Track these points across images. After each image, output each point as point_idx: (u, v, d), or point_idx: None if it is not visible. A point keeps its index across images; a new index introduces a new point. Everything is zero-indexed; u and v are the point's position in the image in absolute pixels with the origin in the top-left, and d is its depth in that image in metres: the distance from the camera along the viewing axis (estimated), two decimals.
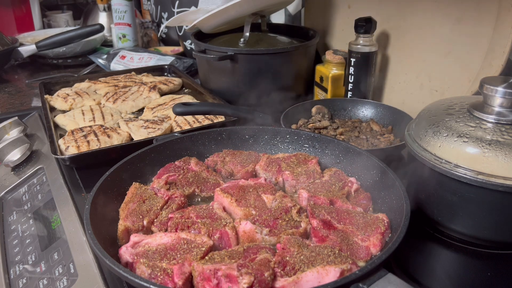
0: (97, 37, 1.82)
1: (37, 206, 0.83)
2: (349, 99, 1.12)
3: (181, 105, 0.91)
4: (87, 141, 0.95)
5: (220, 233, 0.61)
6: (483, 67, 0.90)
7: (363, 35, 1.06)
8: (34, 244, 0.73)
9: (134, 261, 0.56)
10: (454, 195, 0.66)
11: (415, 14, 1.07)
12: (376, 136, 0.98)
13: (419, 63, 1.07)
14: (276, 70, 1.16)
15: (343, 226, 0.63)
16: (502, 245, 0.70)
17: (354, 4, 1.28)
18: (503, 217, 0.64)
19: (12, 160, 0.97)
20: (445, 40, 0.99)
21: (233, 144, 0.89)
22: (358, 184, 0.74)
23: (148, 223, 0.65)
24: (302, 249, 0.56)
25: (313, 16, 1.47)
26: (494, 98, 0.66)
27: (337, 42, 1.39)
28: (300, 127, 1.03)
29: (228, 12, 1.16)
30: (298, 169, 0.78)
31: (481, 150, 0.62)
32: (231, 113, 0.98)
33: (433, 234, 0.74)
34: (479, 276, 0.67)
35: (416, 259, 0.69)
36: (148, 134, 0.99)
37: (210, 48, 1.17)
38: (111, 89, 1.31)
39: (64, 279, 0.63)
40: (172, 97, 1.26)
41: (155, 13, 1.93)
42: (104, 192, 0.68)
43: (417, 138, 0.71)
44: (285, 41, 1.28)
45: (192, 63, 1.64)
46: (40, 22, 2.21)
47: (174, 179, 0.76)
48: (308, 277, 0.52)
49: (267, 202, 0.69)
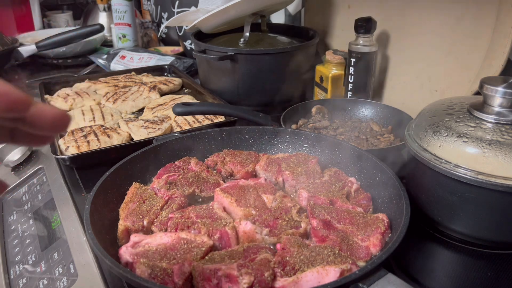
0: (97, 37, 1.82)
1: (37, 206, 0.83)
2: (349, 99, 1.12)
3: (181, 105, 0.91)
4: (87, 141, 0.95)
5: (220, 233, 0.61)
6: (483, 67, 0.90)
7: (363, 35, 1.06)
8: (34, 244, 0.73)
9: (134, 261, 0.55)
10: (454, 195, 0.66)
11: (415, 14, 1.07)
12: (376, 136, 0.98)
13: (419, 63, 1.07)
14: (276, 70, 1.16)
15: (343, 226, 0.63)
16: (502, 245, 0.70)
17: (354, 4, 1.28)
18: (503, 217, 0.64)
19: (12, 160, 0.97)
20: (445, 40, 0.99)
21: (233, 144, 0.89)
22: (358, 184, 0.74)
23: (148, 223, 0.65)
24: (302, 249, 0.56)
25: (313, 16, 1.47)
26: (494, 98, 0.66)
27: (337, 42, 1.39)
28: (300, 127, 1.03)
29: (228, 12, 1.16)
30: (298, 169, 0.78)
31: (481, 150, 0.62)
32: (231, 113, 0.98)
33: (433, 234, 0.74)
34: (479, 276, 0.67)
35: (416, 259, 0.69)
36: (148, 134, 0.99)
37: (210, 48, 1.17)
38: (111, 89, 1.31)
39: (64, 279, 0.63)
40: (172, 97, 1.26)
41: (155, 13, 1.93)
42: (104, 192, 0.68)
43: (417, 138, 0.71)
44: (285, 41, 1.28)
45: (192, 63, 1.64)
46: (40, 22, 2.21)
47: (174, 179, 0.76)
48: (308, 277, 0.52)
49: (267, 202, 0.69)
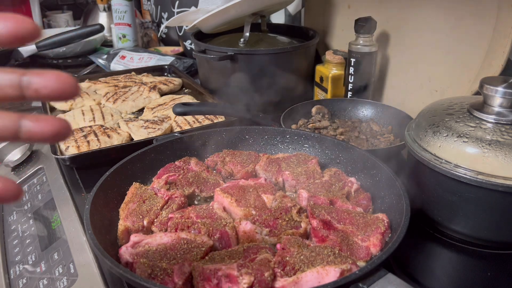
0: (97, 37, 1.82)
1: (37, 206, 0.83)
2: (349, 99, 1.12)
3: (181, 105, 0.91)
4: (87, 141, 0.95)
5: (220, 233, 0.61)
6: (483, 67, 0.90)
7: (363, 35, 1.06)
8: (34, 244, 0.73)
9: (134, 261, 0.55)
10: (454, 195, 0.66)
11: (415, 14, 1.07)
12: (376, 136, 0.98)
13: (419, 63, 1.07)
14: (276, 70, 1.16)
15: (343, 226, 0.63)
16: (502, 245, 0.70)
17: (354, 4, 1.28)
18: (503, 217, 0.64)
19: (12, 160, 0.97)
20: (445, 40, 0.99)
21: (233, 144, 0.89)
22: (358, 184, 0.74)
23: (148, 223, 0.65)
24: (302, 249, 0.56)
25: (313, 16, 1.47)
26: (494, 98, 0.66)
27: (337, 42, 1.39)
28: (300, 127, 1.03)
29: (228, 12, 1.16)
30: (298, 169, 0.78)
31: (481, 150, 0.62)
32: (231, 113, 0.98)
33: (433, 234, 0.74)
34: (479, 276, 0.67)
35: (416, 259, 0.69)
36: (148, 134, 0.99)
37: (210, 48, 1.17)
38: (111, 89, 1.31)
39: (64, 279, 0.63)
40: (172, 97, 1.26)
41: (155, 13, 1.93)
42: (104, 192, 0.68)
43: (417, 138, 0.71)
44: (285, 41, 1.28)
45: (192, 63, 1.64)
46: (40, 22, 2.21)
47: (174, 179, 0.76)
48: (308, 277, 0.52)
49: (267, 202, 0.69)
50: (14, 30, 0.30)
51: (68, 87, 0.31)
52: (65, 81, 0.31)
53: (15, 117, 0.32)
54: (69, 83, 0.31)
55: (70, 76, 0.32)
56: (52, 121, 0.32)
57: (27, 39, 0.31)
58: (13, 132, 0.31)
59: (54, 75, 0.31)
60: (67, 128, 0.32)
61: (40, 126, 0.31)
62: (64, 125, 0.32)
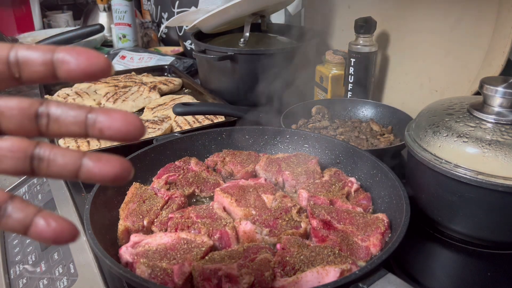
0: (97, 37, 1.82)
1: (37, 206, 0.83)
2: (349, 99, 1.12)
3: (181, 105, 0.91)
4: (87, 141, 0.95)
5: (220, 233, 0.61)
6: (483, 67, 0.90)
7: (363, 35, 1.06)
8: (34, 244, 0.73)
9: (134, 261, 0.56)
10: (454, 195, 0.66)
11: (415, 14, 1.07)
12: (376, 136, 0.98)
13: (419, 63, 1.07)
14: (276, 70, 1.16)
15: (343, 226, 0.63)
16: (502, 245, 0.70)
17: (354, 4, 1.28)
18: (503, 217, 0.64)
19: None
20: (445, 40, 0.99)
21: (233, 144, 0.89)
22: (358, 184, 0.74)
23: (148, 223, 0.65)
24: (302, 249, 0.56)
25: (313, 16, 1.46)
26: (494, 98, 0.65)
27: (337, 42, 1.39)
28: (300, 127, 1.03)
29: (228, 12, 1.16)
30: (298, 169, 0.78)
31: (481, 150, 0.62)
32: (231, 113, 0.98)
33: (433, 234, 0.74)
34: (479, 276, 0.67)
35: (416, 259, 0.69)
36: (148, 134, 0.99)
37: (210, 48, 1.17)
38: (111, 89, 1.31)
39: (64, 279, 0.63)
40: (172, 97, 1.26)
41: (155, 13, 1.93)
42: (104, 192, 0.68)
43: (417, 138, 0.71)
44: (285, 41, 1.28)
45: (192, 63, 1.64)
46: (40, 22, 2.21)
47: (174, 179, 0.76)
48: (308, 277, 0.52)
49: (267, 202, 0.69)
50: (87, 67, 0.28)
51: (133, 128, 0.29)
52: (131, 122, 0.29)
53: (78, 155, 0.29)
54: (135, 124, 0.29)
55: (137, 116, 0.29)
56: (113, 162, 0.29)
57: (98, 76, 0.29)
58: (73, 172, 0.29)
59: (121, 115, 0.29)
60: (128, 171, 0.29)
61: (100, 167, 0.29)
62: (125, 167, 0.29)
